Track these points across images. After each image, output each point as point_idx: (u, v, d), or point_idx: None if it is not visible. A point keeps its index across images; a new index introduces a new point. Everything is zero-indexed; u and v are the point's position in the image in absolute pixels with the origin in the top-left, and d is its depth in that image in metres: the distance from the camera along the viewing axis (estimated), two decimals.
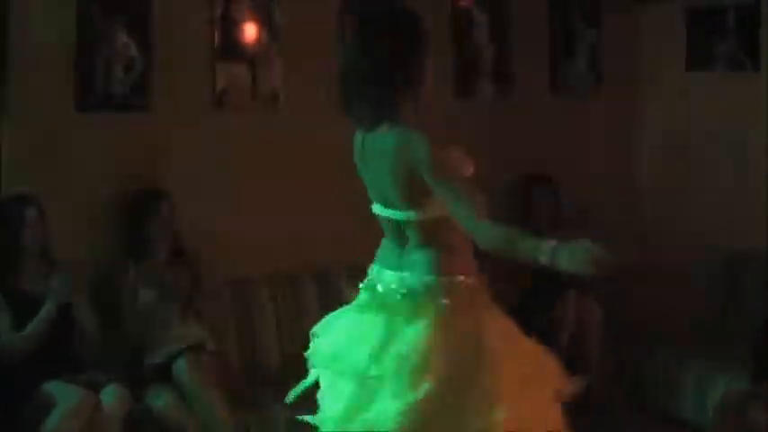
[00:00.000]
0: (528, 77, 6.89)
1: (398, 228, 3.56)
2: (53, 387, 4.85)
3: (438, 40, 6.56)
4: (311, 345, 3.74)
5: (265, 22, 6.00)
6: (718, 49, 6.66)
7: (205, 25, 5.86)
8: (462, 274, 3.48)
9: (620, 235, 7.23)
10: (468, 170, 3.58)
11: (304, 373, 3.76)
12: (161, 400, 5.04)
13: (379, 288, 3.58)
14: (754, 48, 6.45)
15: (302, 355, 3.66)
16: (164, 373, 5.14)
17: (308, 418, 3.66)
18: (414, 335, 3.33)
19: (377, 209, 3.64)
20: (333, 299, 6.14)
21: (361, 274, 6.16)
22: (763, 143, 6.45)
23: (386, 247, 3.69)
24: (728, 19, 6.56)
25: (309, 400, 3.75)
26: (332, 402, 3.54)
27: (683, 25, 6.85)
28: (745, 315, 6.39)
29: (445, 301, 3.39)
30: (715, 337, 6.38)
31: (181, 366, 5.11)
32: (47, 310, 4.97)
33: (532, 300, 6.31)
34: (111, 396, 4.87)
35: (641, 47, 7.20)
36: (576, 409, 6.25)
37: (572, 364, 6.15)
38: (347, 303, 3.78)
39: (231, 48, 5.92)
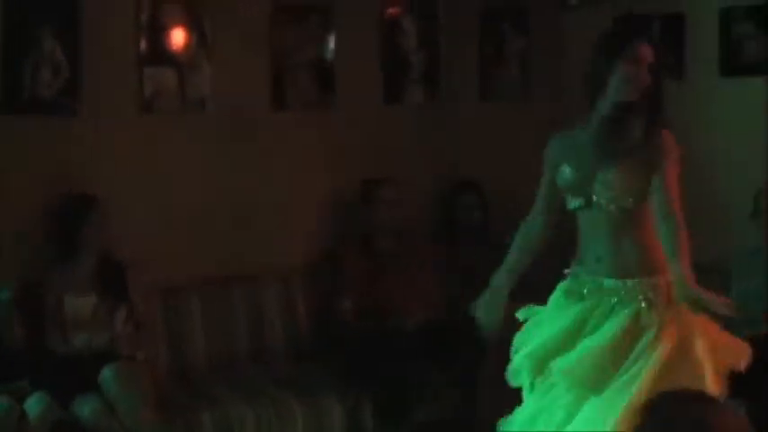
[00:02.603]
0: (457, 83, 6.93)
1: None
2: None
3: (367, 46, 6.65)
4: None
5: (193, 28, 5.96)
6: None
7: (132, 30, 5.81)
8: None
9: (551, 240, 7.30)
10: None
11: (232, 378, 3.71)
12: (88, 409, 4.96)
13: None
14: (679, 56, 6.53)
15: (230, 360, 3.62)
16: (91, 381, 5.08)
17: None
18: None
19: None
20: (261, 304, 6.16)
21: (289, 277, 6.20)
22: (688, 149, 6.52)
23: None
24: (654, 27, 6.63)
25: None
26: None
27: None
28: None
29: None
30: None
31: (108, 374, 5.05)
32: None
33: (460, 305, 6.31)
34: (37, 406, 4.80)
35: (569, 52, 7.25)
36: (506, 414, 6.29)
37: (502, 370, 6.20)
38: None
39: (159, 52, 5.87)
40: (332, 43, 6.43)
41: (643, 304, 3.89)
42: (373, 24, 6.61)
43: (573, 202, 4.11)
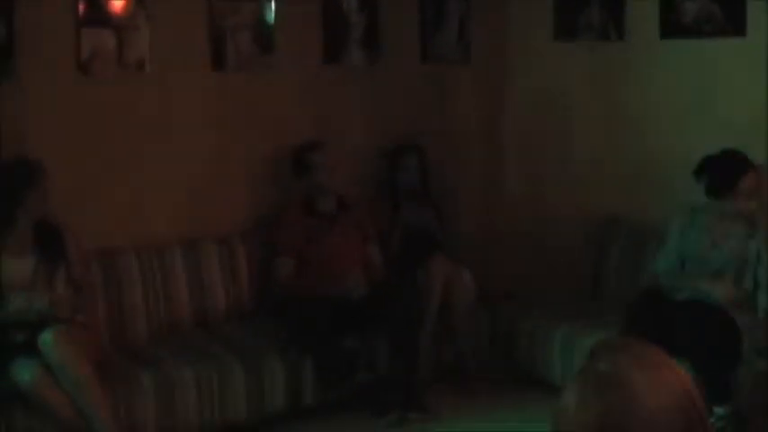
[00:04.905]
0: (398, 45, 6.91)
1: None
2: None
3: (307, 7, 6.61)
4: None
5: None
6: (584, 19, 6.73)
7: None
8: None
9: (488, 202, 7.33)
10: None
11: (173, 340, 3.66)
12: (27, 375, 4.92)
13: None
14: (619, 17, 6.54)
15: (171, 323, 3.62)
16: (30, 346, 5.03)
17: None
18: None
19: None
20: (201, 266, 6.14)
21: (230, 239, 6.19)
22: (629, 111, 6.57)
23: None
24: None
25: None
26: None
27: None
28: (614, 280, 6.51)
29: None
30: (585, 302, 6.48)
31: (47, 339, 4.99)
32: None
33: (400, 267, 6.33)
34: None
35: (509, 16, 7.23)
36: (445, 376, 6.36)
37: (441, 331, 6.24)
38: None
39: (97, 14, 5.81)
40: (272, 3, 6.39)
41: None
42: None
43: None
